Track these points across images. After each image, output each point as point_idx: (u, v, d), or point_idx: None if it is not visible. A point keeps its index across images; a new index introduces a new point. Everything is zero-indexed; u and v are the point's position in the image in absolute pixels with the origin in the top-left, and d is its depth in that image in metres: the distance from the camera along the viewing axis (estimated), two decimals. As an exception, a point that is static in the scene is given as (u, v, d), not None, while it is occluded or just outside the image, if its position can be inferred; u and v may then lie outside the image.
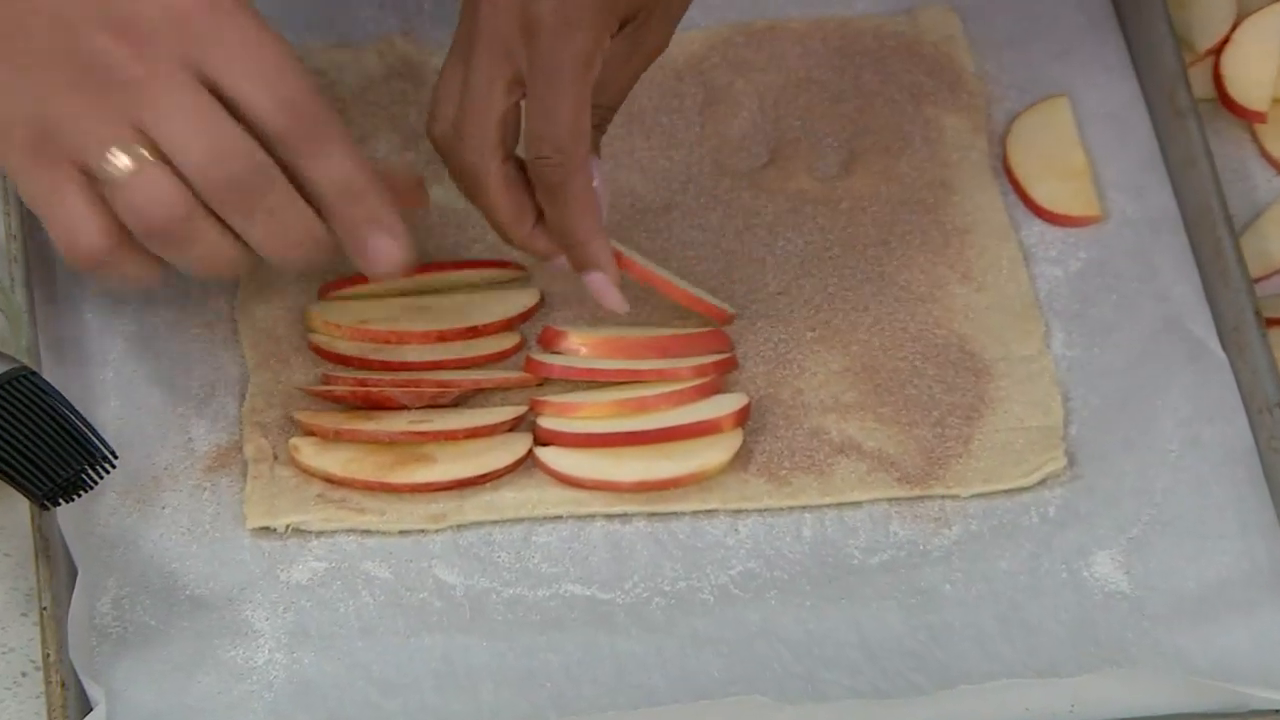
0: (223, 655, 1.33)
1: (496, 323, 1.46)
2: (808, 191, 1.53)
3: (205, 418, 1.43)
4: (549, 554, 1.39)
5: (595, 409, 1.42)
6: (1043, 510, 1.41)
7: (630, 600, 1.37)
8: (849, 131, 1.55)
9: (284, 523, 1.38)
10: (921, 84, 1.57)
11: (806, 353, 1.47)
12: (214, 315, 1.47)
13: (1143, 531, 1.40)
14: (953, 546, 1.40)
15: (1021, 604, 1.37)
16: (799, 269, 1.50)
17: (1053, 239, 1.53)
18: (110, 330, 1.45)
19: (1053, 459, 1.43)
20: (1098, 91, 1.57)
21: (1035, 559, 1.39)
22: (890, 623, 1.36)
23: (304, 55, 1.48)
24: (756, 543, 1.39)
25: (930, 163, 1.54)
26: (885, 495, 1.41)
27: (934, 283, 1.50)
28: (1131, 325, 1.48)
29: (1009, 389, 1.46)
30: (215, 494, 1.40)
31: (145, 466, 1.40)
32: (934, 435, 1.44)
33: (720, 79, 1.57)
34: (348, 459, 1.40)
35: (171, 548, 1.37)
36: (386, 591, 1.36)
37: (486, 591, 1.37)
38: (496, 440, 1.41)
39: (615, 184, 1.51)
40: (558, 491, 1.40)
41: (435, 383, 1.43)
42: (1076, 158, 1.55)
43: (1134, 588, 1.38)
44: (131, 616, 1.34)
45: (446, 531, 1.39)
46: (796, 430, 1.43)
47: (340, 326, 1.45)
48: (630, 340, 1.45)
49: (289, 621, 1.35)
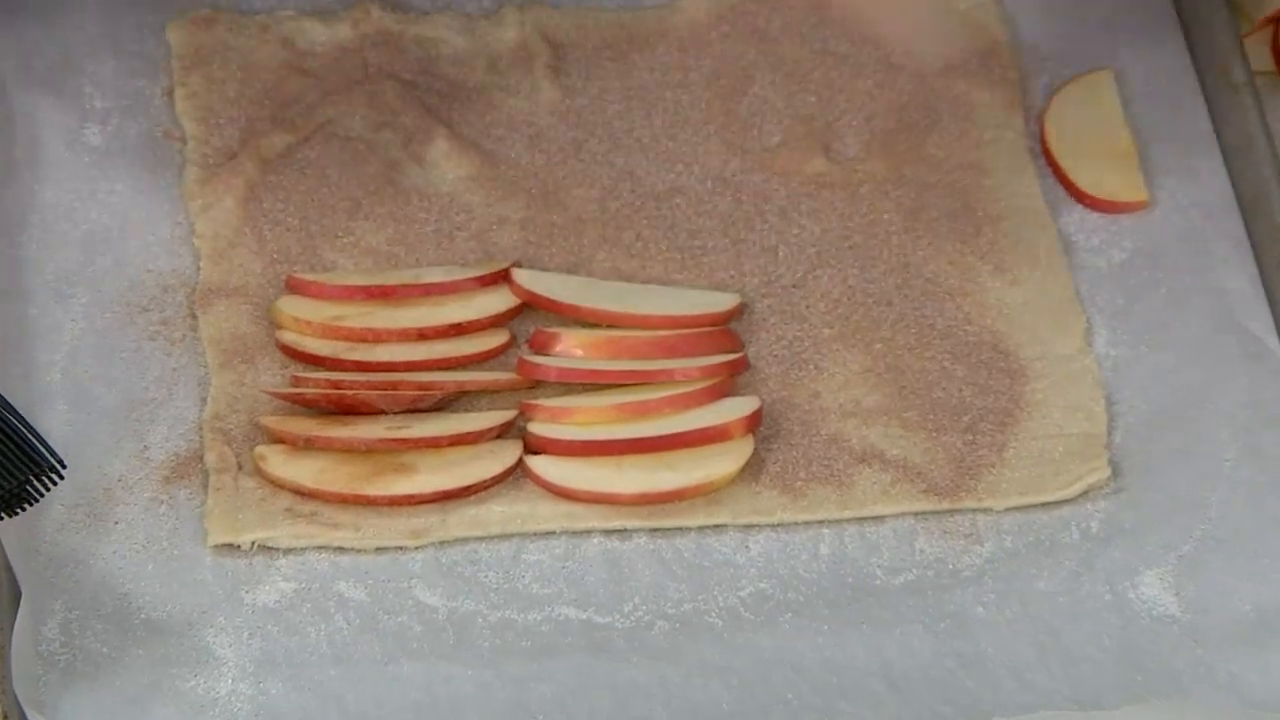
0: (181, 686, 1.32)
1: (483, 319, 1.44)
2: (825, 174, 1.52)
3: (162, 423, 1.41)
4: (540, 573, 1.37)
5: (592, 413, 1.40)
6: (1084, 525, 1.40)
7: (630, 624, 1.36)
8: (870, 109, 1.55)
9: (249, 539, 1.37)
10: (951, 56, 1.56)
11: (824, 352, 1.46)
12: (172, 310, 1.45)
13: (1194, 549, 1.39)
14: (985, 565, 1.39)
15: (1061, 629, 1.36)
16: (815, 259, 1.49)
17: (1095, 227, 1.52)
18: (56, 327, 1.43)
19: (1095, 469, 1.42)
20: (1145, 65, 1.57)
21: (1076, 579, 1.38)
22: (916, 649, 1.35)
23: (270, 24, 1.54)
24: (769, 561, 1.38)
25: (960, 143, 1.54)
26: (911, 509, 1.40)
27: (964, 275, 1.49)
28: (1182, 321, 1.48)
29: (1047, 392, 1.45)
30: (173, 507, 1.38)
31: (96, 477, 1.38)
32: (964, 443, 1.42)
33: (729, 51, 1.56)
34: (319, 469, 1.38)
35: (125, 567, 1.36)
36: (362, 615, 1.35)
37: (472, 615, 1.35)
38: (483, 448, 1.40)
39: (613, 166, 1.51)
40: (550, 505, 1.39)
41: (415, 385, 1.41)
42: (1122, 137, 1.54)
43: (1185, 611, 1.37)
44: (81, 643, 1.33)
45: (428, 549, 1.38)
46: (813, 437, 1.42)
47: (311, 323, 1.43)
48: (631, 340, 1.44)
49: (254, 648, 1.33)
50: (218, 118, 1.50)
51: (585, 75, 1.53)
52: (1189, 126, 1.54)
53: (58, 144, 1.48)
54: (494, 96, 1.53)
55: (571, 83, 1.54)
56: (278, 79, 1.52)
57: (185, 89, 1.51)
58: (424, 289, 1.43)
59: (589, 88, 1.53)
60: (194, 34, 1.53)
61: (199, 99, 1.51)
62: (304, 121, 1.50)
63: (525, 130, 1.51)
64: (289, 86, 1.52)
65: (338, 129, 1.50)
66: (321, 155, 1.49)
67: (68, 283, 1.44)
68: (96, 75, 1.51)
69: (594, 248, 1.47)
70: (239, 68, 1.52)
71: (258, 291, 1.45)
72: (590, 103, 1.53)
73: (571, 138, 1.51)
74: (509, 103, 1.52)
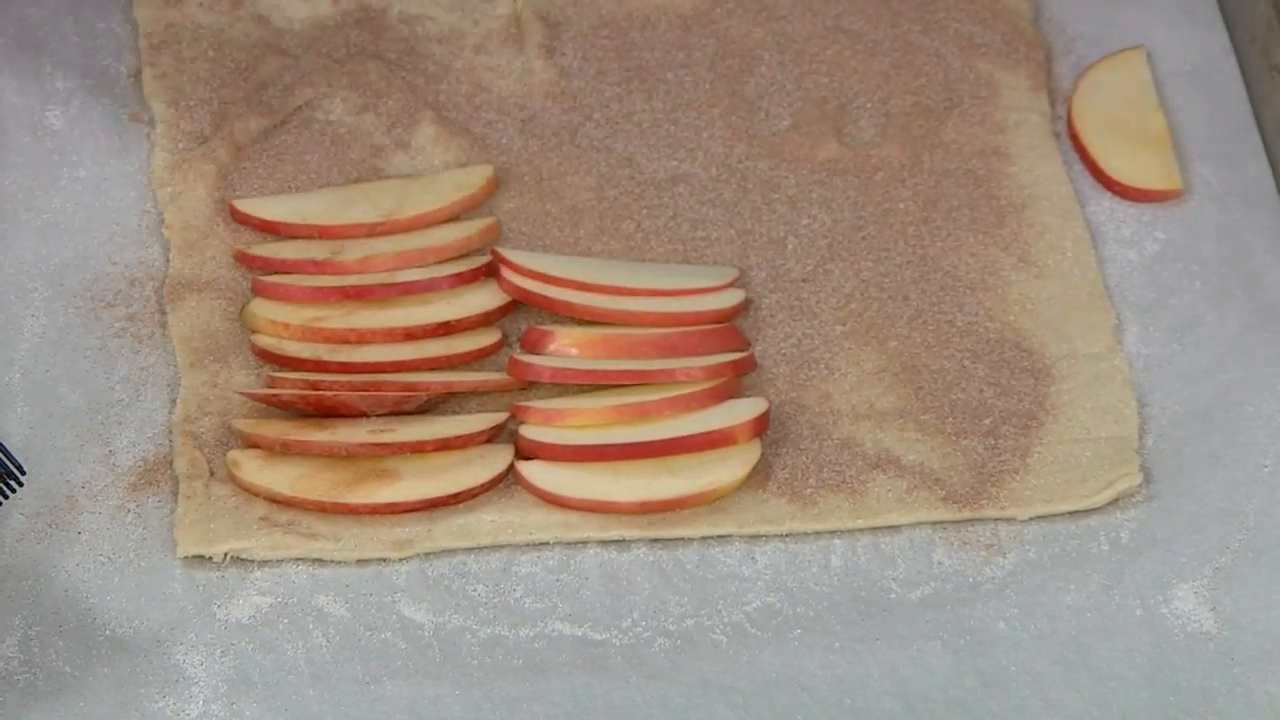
0: (149, 707, 1.31)
1: (472, 317, 1.44)
2: (837, 160, 1.52)
3: (129, 426, 1.40)
4: (533, 587, 1.37)
5: (588, 416, 1.39)
6: (1114, 535, 1.39)
7: (628, 641, 1.35)
8: (885, 90, 1.54)
9: (222, 550, 1.36)
10: (971, 34, 1.57)
11: (836, 351, 1.45)
12: (139, 305, 1.45)
13: (1231, 561, 1.38)
14: (1007, 578, 1.38)
15: (1089, 646, 1.35)
16: (827, 252, 1.48)
17: (1125, 217, 1.51)
18: (15, 323, 1.43)
19: (1125, 475, 1.41)
20: (1180, 44, 1.57)
21: (1105, 592, 1.37)
22: (934, 668, 1.34)
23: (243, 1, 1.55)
24: (777, 574, 1.37)
25: (981, 127, 1.53)
26: (928, 518, 1.39)
27: (985, 268, 1.48)
28: (1218, 318, 1.47)
29: (1074, 393, 1.44)
30: (141, 516, 1.38)
31: (59, 484, 1.38)
32: (985, 448, 1.41)
33: (735, 28, 1.56)
34: (296, 476, 1.38)
35: (89, 580, 1.35)
36: (342, 631, 1.34)
37: (460, 631, 1.35)
38: (472, 453, 1.39)
39: (613, 152, 1.51)
40: (543, 514, 1.38)
41: (399, 385, 1.40)
42: (1154, 121, 1.53)
43: (1221, 627, 1.36)
44: (42, 661, 1.32)
45: (413, 560, 1.37)
46: (824, 442, 1.41)
47: (289, 325, 1.43)
48: (630, 338, 1.43)
49: (228, 667, 1.33)
50: (188, 100, 1.51)
51: (581, 55, 1.54)
52: (1226, 110, 1.54)
53: (17, 127, 1.49)
54: (484, 78, 1.53)
55: (567, 63, 1.54)
56: (252, 59, 1.53)
57: (154, 69, 1.52)
58: (401, 288, 1.43)
59: (585, 68, 1.54)
60: (163, 10, 1.54)
61: (168, 80, 1.51)
62: (280, 104, 1.51)
63: (517, 114, 1.52)
64: (264, 67, 1.52)
65: (317, 112, 1.50)
66: (299, 140, 1.49)
67: (27, 275, 1.44)
68: (58, 54, 1.52)
69: (591, 239, 1.47)
70: (210, 47, 1.53)
71: (231, 286, 1.45)
72: (586, 84, 1.53)
73: (566, 122, 1.51)
74: (500, 84, 1.52)
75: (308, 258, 1.44)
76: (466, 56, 1.53)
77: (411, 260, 1.44)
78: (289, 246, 1.45)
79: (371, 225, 1.45)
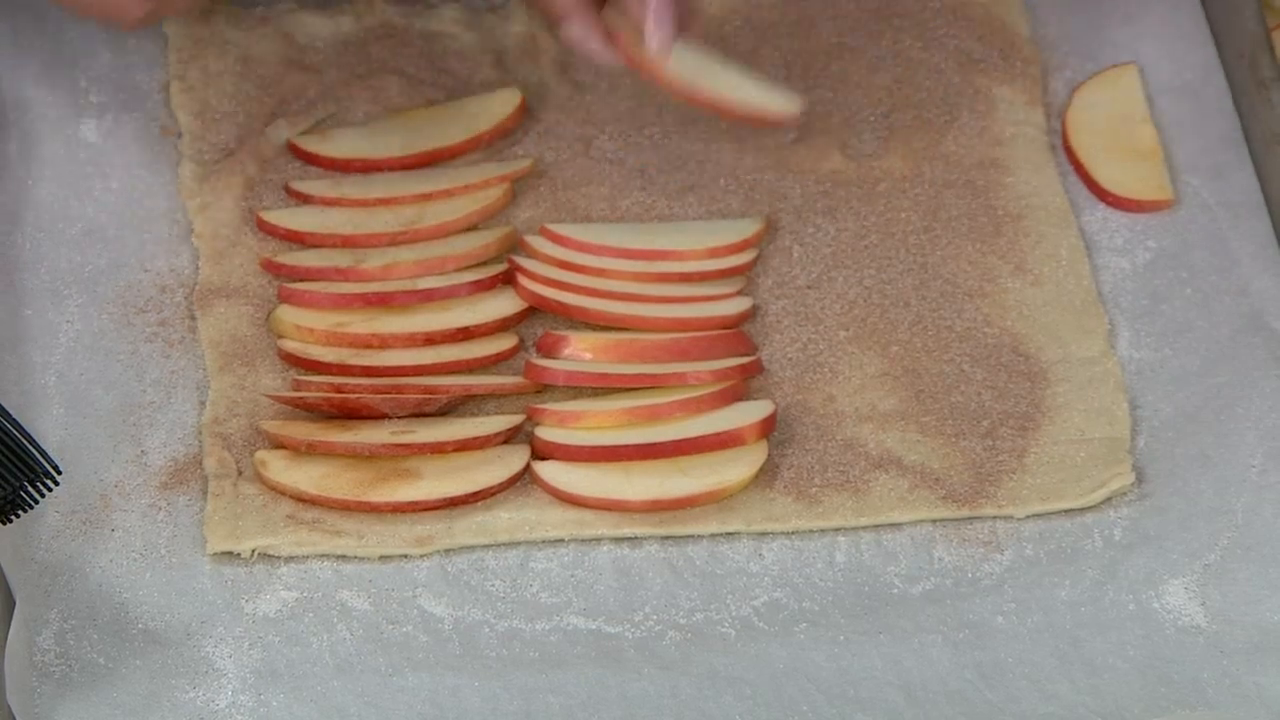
0: (180, 697, 1.32)
1: (490, 323, 1.45)
2: (841, 172, 1.53)
3: (160, 428, 1.41)
4: (549, 582, 1.38)
5: (601, 418, 1.41)
6: (1107, 533, 1.40)
7: (641, 634, 1.36)
8: (887, 104, 1.55)
9: (249, 547, 1.37)
10: (970, 50, 1.57)
11: (840, 355, 1.46)
12: (170, 310, 1.46)
13: (1221, 557, 1.39)
14: (1005, 574, 1.39)
15: (1083, 639, 1.36)
16: (831, 260, 1.49)
17: (1118, 226, 1.52)
18: (52, 329, 1.44)
19: (1118, 475, 1.41)
20: (1170, 60, 1.57)
21: (1099, 588, 1.38)
22: (935, 660, 1.35)
23: (270, 16, 1.53)
24: (783, 569, 1.38)
25: (979, 140, 1.54)
26: (929, 516, 1.40)
27: (984, 275, 1.49)
28: (1208, 323, 1.47)
29: (1069, 395, 1.44)
30: (171, 514, 1.38)
31: (92, 483, 1.39)
32: (984, 448, 1.42)
33: (741, 44, 1.56)
34: (321, 475, 1.39)
35: (122, 575, 1.36)
36: (365, 625, 1.35)
37: (478, 624, 1.36)
38: (490, 454, 1.40)
39: (622, 165, 1.52)
40: (558, 512, 1.39)
41: (420, 388, 1.42)
42: (1146, 134, 1.54)
43: (1211, 621, 1.36)
44: (77, 653, 1.33)
45: (433, 557, 1.38)
46: (828, 442, 1.42)
47: (314, 330, 1.44)
48: (641, 342, 1.44)
49: (255, 659, 1.34)
50: (214, 113, 1.51)
51: (594, 70, 1.53)
52: (1215, 123, 1.54)
53: (53, 139, 1.50)
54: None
55: (580, 78, 1.54)
56: (277, 73, 1.52)
57: (182, 83, 1.52)
58: (422, 295, 1.44)
59: (598, 83, 1.54)
60: (191, 26, 1.53)
61: (195, 93, 1.52)
62: (304, 118, 1.51)
63: (533, 127, 1.51)
64: (289, 81, 1.52)
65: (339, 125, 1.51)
66: (323, 152, 1.49)
67: (63, 282, 1.45)
68: (92, 69, 1.53)
69: (603, 247, 1.48)
70: (237, 61, 1.53)
71: (258, 293, 1.45)
72: (599, 99, 1.53)
73: (580, 135, 1.51)
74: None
75: (332, 265, 1.44)
76: (484, 72, 1.53)
77: (432, 268, 1.44)
78: (314, 255, 1.45)
79: (393, 234, 1.45)
